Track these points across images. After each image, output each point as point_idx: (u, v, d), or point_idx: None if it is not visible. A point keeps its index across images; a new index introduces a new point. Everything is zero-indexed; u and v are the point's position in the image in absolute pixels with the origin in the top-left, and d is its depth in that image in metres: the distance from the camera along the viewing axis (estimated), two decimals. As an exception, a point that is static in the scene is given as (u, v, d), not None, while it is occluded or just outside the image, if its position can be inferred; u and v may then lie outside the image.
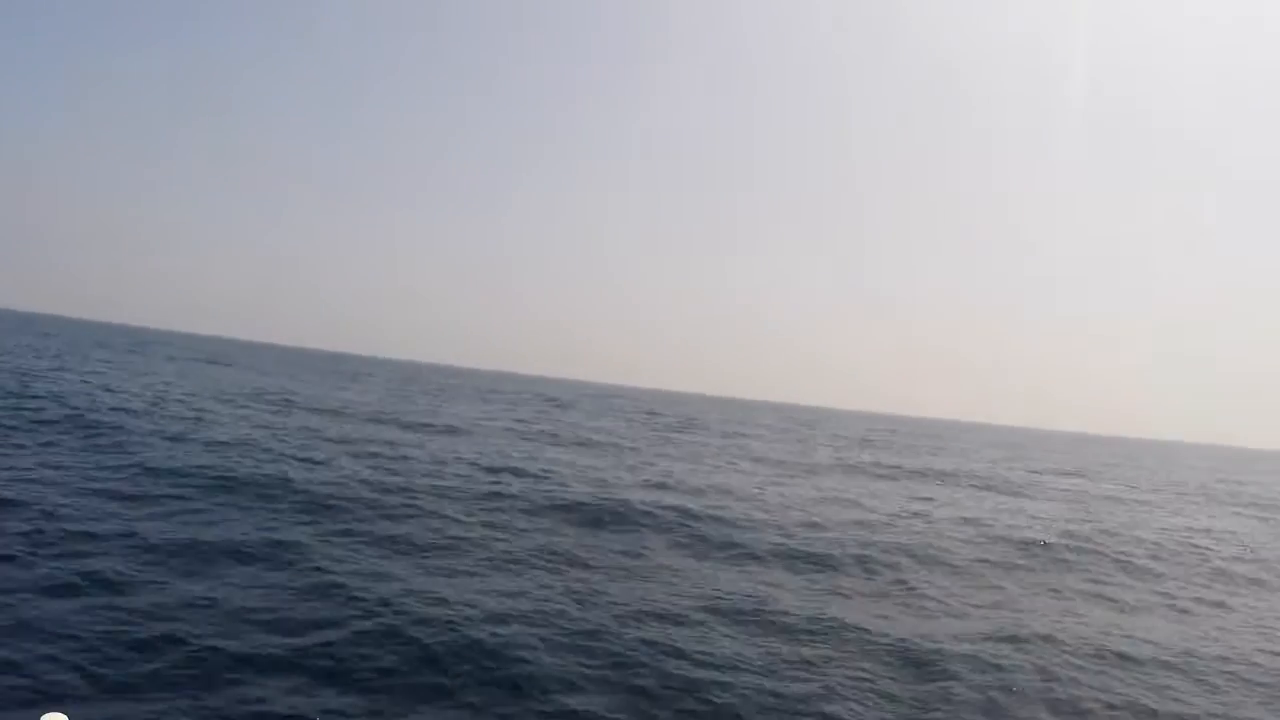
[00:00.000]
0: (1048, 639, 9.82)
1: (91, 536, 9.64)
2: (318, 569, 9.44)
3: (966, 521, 18.39)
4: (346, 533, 11.43)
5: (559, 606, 8.96)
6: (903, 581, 12.22)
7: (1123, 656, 9.55)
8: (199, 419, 20.84)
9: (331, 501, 13.07)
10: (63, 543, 9.29)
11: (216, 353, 77.06)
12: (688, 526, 14.13)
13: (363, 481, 15.01)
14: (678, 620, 9.05)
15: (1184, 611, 12.56)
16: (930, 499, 21.99)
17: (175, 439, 17.15)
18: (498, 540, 11.90)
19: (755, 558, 12.71)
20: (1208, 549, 18.51)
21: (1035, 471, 39.49)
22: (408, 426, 26.55)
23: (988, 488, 28.72)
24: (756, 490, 19.89)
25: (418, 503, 13.79)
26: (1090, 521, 20.74)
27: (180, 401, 24.79)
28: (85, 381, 27.53)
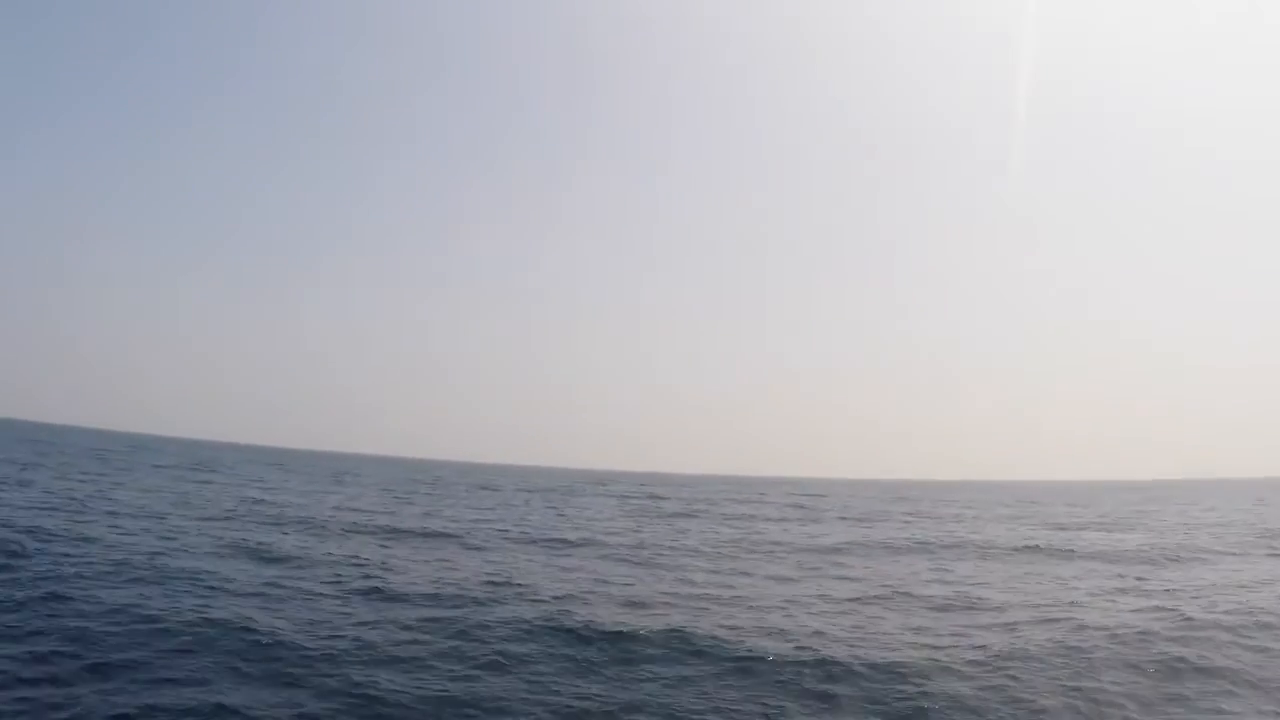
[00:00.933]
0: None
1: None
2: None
3: (1035, 608, 16.28)
4: (325, 695, 9.35)
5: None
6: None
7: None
8: (165, 541, 18.68)
9: (308, 644, 11.04)
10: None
11: (204, 459, 74.43)
12: (737, 652, 11.92)
13: (346, 615, 12.96)
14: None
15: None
16: (984, 583, 19.78)
17: (132, 569, 15.01)
18: (516, 696, 9.82)
19: (823, 698, 10.64)
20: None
21: (1062, 527, 37.23)
22: (404, 535, 24.42)
23: (1031, 550, 26.55)
24: (793, 591, 17.78)
25: (417, 642, 11.74)
26: (1176, 588, 18.52)
27: (156, 518, 22.75)
28: (48, 492, 26.71)
